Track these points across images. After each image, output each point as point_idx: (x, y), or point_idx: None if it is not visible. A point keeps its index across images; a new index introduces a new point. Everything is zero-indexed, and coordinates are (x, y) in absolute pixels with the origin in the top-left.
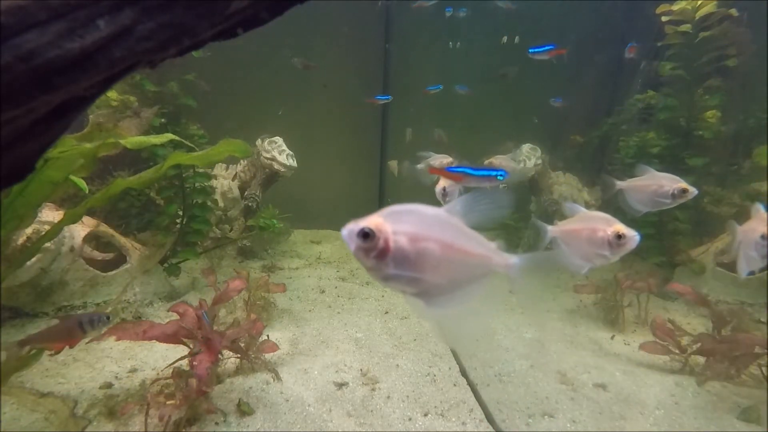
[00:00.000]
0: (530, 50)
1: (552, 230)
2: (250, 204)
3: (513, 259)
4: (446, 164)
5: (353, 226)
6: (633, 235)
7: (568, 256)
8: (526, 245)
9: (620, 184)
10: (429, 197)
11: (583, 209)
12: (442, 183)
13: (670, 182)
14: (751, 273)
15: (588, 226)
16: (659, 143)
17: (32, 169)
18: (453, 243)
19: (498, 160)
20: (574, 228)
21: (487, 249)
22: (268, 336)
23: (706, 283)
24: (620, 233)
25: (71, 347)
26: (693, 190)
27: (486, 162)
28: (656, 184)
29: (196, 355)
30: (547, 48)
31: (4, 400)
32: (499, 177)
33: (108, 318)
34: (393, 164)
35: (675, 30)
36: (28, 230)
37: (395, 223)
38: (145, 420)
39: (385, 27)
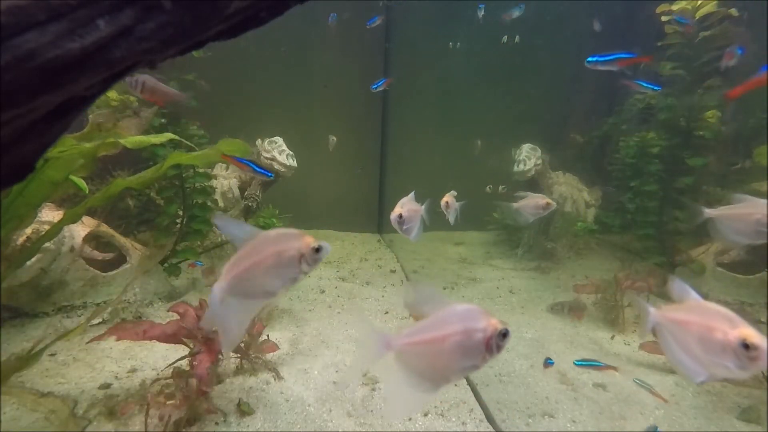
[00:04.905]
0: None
1: (654, 314)
2: (250, 204)
3: None
4: (541, 204)
5: None
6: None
7: (675, 355)
8: (526, 245)
9: (709, 212)
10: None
11: (694, 293)
12: (398, 210)
13: None
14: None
15: (701, 321)
16: (659, 143)
17: (32, 169)
18: None
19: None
20: (681, 319)
21: None
22: (268, 336)
23: (706, 283)
24: (748, 341)
25: None
26: None
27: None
28: (761, 213)
29: (196, 355)
30: (382, 82)
31: (5, 400)
32: None
33: None
34: (332, 138)
35: (675, 30)
36: (28, 230)
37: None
38: (145, 420)
39: (385, 27)
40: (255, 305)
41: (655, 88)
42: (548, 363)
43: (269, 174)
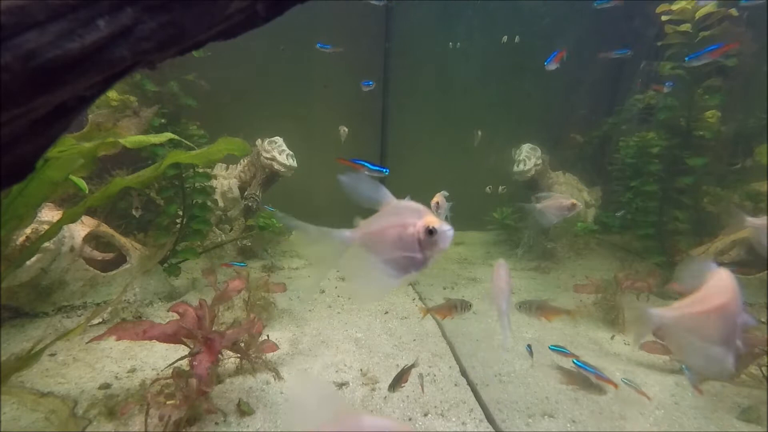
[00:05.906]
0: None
1: (652, 313)
2: (250, 204)
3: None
4: (566, 205)
5: None
6: None
7: (684, 352)
8: (526, 245)
9: (752, 221)
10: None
11: (713, 265)
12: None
13: None
14: None
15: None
16: (659, 143)
17: (32, 169)
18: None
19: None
20: (697, 311)
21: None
22: (268, 336)
23: None
24: None
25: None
26: None
27: (432, 202)
28: None
29: (196, 355)
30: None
31: (5, 399)
32: None
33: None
34: (343, 129)
35: (675, 30)
36: (28, 230)
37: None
38: (145, 420)
39: (385, 27)
40: (393, 273)
41: None
42: (528, 350)
43: (385, 170)
